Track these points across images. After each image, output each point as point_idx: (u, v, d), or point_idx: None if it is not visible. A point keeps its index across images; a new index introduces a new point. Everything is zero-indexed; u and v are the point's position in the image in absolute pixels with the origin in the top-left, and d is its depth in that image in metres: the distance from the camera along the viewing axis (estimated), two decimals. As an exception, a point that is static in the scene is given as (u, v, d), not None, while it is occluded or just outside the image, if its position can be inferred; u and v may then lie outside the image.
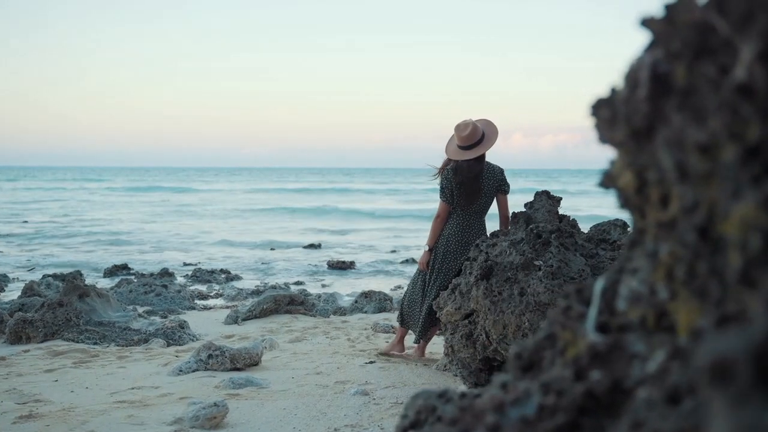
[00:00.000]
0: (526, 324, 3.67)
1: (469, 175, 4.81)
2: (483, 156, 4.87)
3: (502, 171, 4.94)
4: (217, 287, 10.15)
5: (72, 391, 4.10)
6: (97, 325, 5.99)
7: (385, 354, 5.13)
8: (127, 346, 5.73)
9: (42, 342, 5.74)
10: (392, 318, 7.35)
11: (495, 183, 4.88)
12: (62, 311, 5.92)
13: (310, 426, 3.43)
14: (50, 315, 5.89)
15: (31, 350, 5.40)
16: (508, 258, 3.95)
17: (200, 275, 10.95)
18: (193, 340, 6.14)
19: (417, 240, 18.24)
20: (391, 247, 15.98)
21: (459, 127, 4.85)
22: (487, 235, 4.88)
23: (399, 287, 10.39)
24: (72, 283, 6.28)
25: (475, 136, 4.82)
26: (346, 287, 10.39)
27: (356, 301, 8.06)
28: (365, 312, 7.78)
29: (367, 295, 8.11)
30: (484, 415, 0.81)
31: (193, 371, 4.66)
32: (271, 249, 15.48)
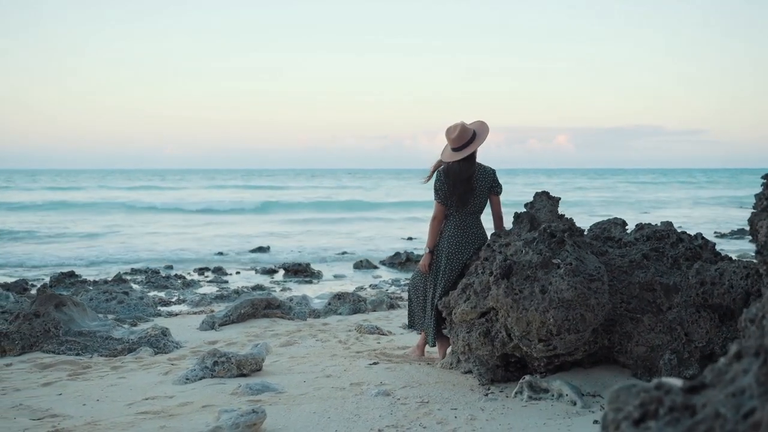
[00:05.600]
0: (551, 320, 3.79)
1: (461, 177, 4.86)
2: (474, 157, 4.91)
3: (494, 172, 4.99)
4: (176, 293, 9.89)
5: (84, 405, 3.95)
6: (77, 335, 5.75)
7: (416, 359, 5.12)
8: (113, 356, 5.53)
9: (20, 354, 5.47)
10: (371, 318, 7.39)
11: (488, 184, 4.93)
12: (39, 322, 5.66)
13: (351, 429, 3.44)
14: (27, 326, 5.62)
15: (14, 363, 5.14)
16: (525, 257, 4.07)
17: (156, 281, 10.64)
18: (177, 348, 5.99)
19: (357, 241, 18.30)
20: (341, 249, 15.96)
21: (448, 130, 4.90)
22: (486, 235, 4.99)
23: (362, 288, 10.42)
24: (46, 292, 6.00)
25: (465, 137, 4.84)
26: (308, 290, 10.33)
27: (329, 303, 8.04)
28: (340, 314, 7.78)
29: (340, 296, 8.11)
30: None
31: (200, 379, 4.56)
32: (219, 253, 15.17)
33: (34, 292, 9.81)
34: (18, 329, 5.57)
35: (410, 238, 18.67)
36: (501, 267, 4.04)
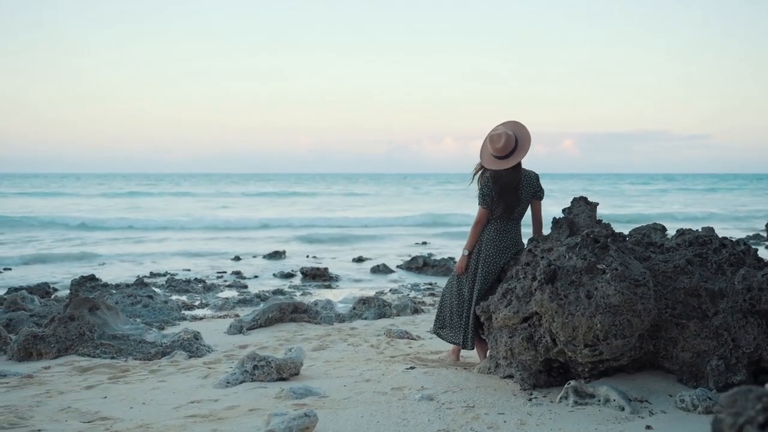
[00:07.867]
0: (598, 326, 3.80)
1: (510, 186, 4.84)
2: (520, 164, 4.91)
3: (537, 177, 4.96)
4: (198, 297, 9.92)
5: (131, 408, 3.97)
6: (111, 338, 5.78)
7: (452, 363, 5.15)
8: (148, 360, 5.56)
9: (56, 358, 5.50)
10: (398, 323, 7.39)
11: (531, 189, 4.91)
12: (75, 325, 5.69)
13: (403, 433, 3.45)
14: (62, 330, 5.65)
15: (52, 366, 5.18)
16: (569, 262, 4.07)
17: (176, 285, 10.67)
18: (209, 351, 6.01)
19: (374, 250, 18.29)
20: (355, 255, 15.97)
21: (492, 139, 4.84)
22: (522, 241, 5.00)
23: (382, 292, 10.42)
24: (79, 295, 6.03)
25: (509, 146, 4.81)
26: (329, 294, 10.34)
27: (354, 308, 8.05)
28: (366, 318, 7.78)
29: (365, 301, 8.12)
30: None
31: (241, 382, 4.58)
32: (236, 258, 15.20)
33: (57, 295, 9.87)
34: (54, 332, 5.60)
35: (424, 242, 18.68)
36: (545, 272, 4.05)
